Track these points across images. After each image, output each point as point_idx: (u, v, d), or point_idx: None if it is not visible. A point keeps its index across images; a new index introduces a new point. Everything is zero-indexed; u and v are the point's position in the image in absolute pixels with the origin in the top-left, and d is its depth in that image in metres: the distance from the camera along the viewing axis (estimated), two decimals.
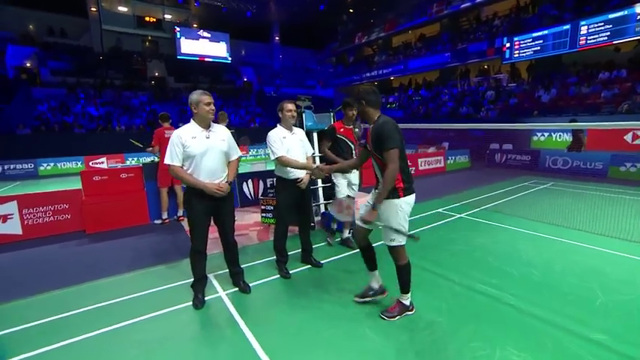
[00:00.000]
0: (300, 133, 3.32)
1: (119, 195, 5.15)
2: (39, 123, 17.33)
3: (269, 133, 3.17)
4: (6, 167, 13.61)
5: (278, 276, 3.27)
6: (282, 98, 4.42)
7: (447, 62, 18.81)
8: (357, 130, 4.02)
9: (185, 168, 2.61)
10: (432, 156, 10.01)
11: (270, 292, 2.96)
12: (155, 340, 2.32)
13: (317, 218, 5.00)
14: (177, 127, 5.36)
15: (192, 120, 2.66)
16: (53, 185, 9.56)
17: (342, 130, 3.92)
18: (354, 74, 25.93)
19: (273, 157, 3.11)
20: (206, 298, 2.83)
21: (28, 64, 21.53)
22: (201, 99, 2.58)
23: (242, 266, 3.46)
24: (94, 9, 24.78)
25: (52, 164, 14.35)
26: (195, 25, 28.10)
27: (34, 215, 4.86)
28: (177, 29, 26.31)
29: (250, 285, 3.02)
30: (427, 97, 19.87)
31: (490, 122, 12.52)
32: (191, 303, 2.74)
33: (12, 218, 4.75)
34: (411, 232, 2.37)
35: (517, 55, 15.43)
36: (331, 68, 30.95)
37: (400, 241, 2.36)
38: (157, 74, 25.76)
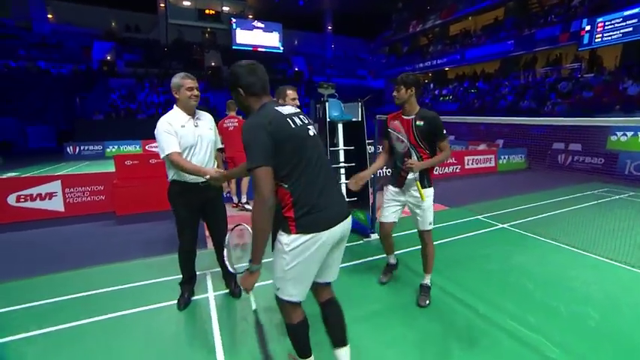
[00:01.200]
0: None
1: (147, 180, 5.32)
2: (111, 110, 19.30)
3: None
4: (82, 148, 15.45)
5: None
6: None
7: (510, 51, 16.81)
8: (419, 123, 2.50)
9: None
10: (481, 154, 9.00)
11: (261, 300, 2.72)
12: (119, 341, 2.21)
13: None
14: (223, 115, 5.42)
15: (175, 106, 2.45)
16: (113, 166, 10.45)
17: (394, 122, 2.62)
18: (406, 64, 24.58)
19: None
20: (194, 298, 2.71)
21: (108, 57, 24.17)
22: (182, 83, 2.36)
23: (244, 264, 3.32)
24: (163, 5, 26.76)
25: (116, 147, 15.85)
26: (250, 16, 28.88)
27: (74, 194, 5.24)
28: (234, 20, 27.28)
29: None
30: (484, 89, 18.07)
31: (556, 118, 10.92)
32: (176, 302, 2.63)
33: (56, 196, 5.18)
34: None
35: (599, 40, 13.15)
36: (383, 58, 29.77)
37: (291, 294, 1.56)
38: (213, 64, 27.04)
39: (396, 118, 2.65)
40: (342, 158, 4.78)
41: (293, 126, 1.49)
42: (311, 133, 1.57)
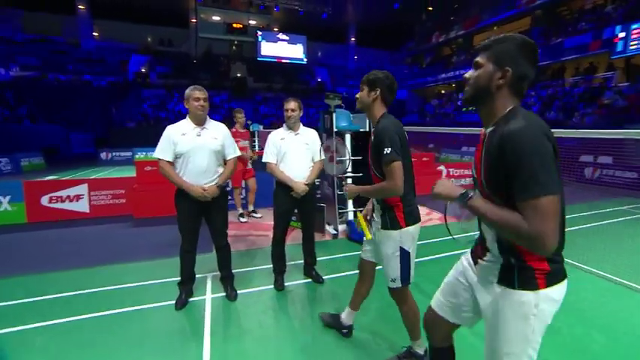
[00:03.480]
0: (307, 134, 3.06)
1: (164, 185, 5.56)
2: (141, 118, 20.45)
3: (270, 134, 3.03)
4: (114, 154, 16.50)
5: (273, 286, 3.10)
6: (353, 99, 4.09)
7: None
8: (372, 137, 1.92)
9: (176, 166, 2.59)
10: None
11: (256, 305, 2.78)
12: (115, 336, 2.32)
13: (342, 227, 4.70)
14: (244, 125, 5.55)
15: (187, 116, 2.63)
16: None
17: None
18: (428, 75, 24.41)
19: (262, 160, 2.97)
20: (192, 299, 2.80)
21: (143, 70, 25.70)
22: (190, 94, 2.53)
23: (245, 269, 3.44)
24: (194, 19, 28.25)
25: (144, 153, 16.68)
26: (275, 29, 29.80)
27: (98, 197, 5.60)
28: (260, 33, 28.26)
29: (239, 292, 2.91)
30: None
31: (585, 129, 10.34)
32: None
33: (83, 198, 5.56)
34: None
35: (635, 47, 12.48)
36: (406, 69, 29.65)
37: None
38: (238, 75, 28.02)
39: None
40: (349, 168, 4.83)
41: None
42: None
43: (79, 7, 25.00)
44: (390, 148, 1.70)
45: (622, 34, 12.84)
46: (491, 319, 1.16)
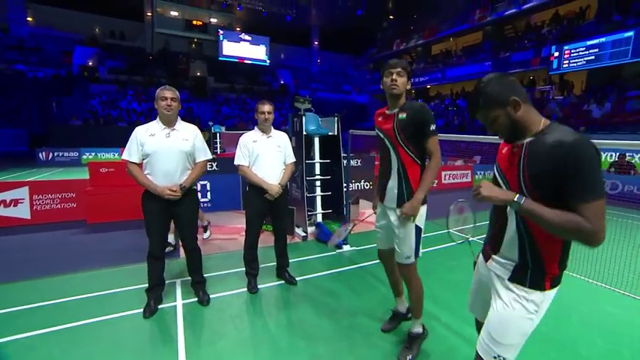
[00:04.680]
0: (279, 137, 3.06)
1: (122, 188, 5.21)
2: (89, 115, 18.86)
3: (241, 137, 2.98)
4: (55, 154, 14.90)
5: (246, 289, 3.04)
6: (318, 102, 4.06)
7: (487, 72, 17.73)
8: (401, 115, 1.98)
9: (145, 167, 2.50)
10: (457, 169, 9.33)
11: (229, 309, 2.72)
12: (80, 350, 2.15)
13: (311, 229, 4.73)
14: (205, 125, 5.33)
15: (157, 117, 2.55)
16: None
17: (379, 118, 2.15)
18: None
19: (235, 163, 2.92)
20: (162, 306, 2.67)
21: (90, 63, 23.71)
22: (159, 93, 2.45)
23: (215, 273, 3.33)
24: (150, 13, 26.70)
25: (93, 154, 15.41)
26: (237, 29, 29.18)
27: (42, 201, 5.08)
28: (221, 32, 27.47)
29: (212, 296, 2.82)
30: (464, 107, 18.85)
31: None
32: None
33: (23, 203, 5.01)
34: None
35: (566, 66, 14.11)
36: (368, 74, 30.59)
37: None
38: (198, 74, 27.02)
39: (381, 114, 2.14)
40: (317, 171, 4.89)
41: None
42: None
43: None
44: (434, 125, 1.90)
45: (556, 54, 14.45)
46: (498, 311, 1.26)
